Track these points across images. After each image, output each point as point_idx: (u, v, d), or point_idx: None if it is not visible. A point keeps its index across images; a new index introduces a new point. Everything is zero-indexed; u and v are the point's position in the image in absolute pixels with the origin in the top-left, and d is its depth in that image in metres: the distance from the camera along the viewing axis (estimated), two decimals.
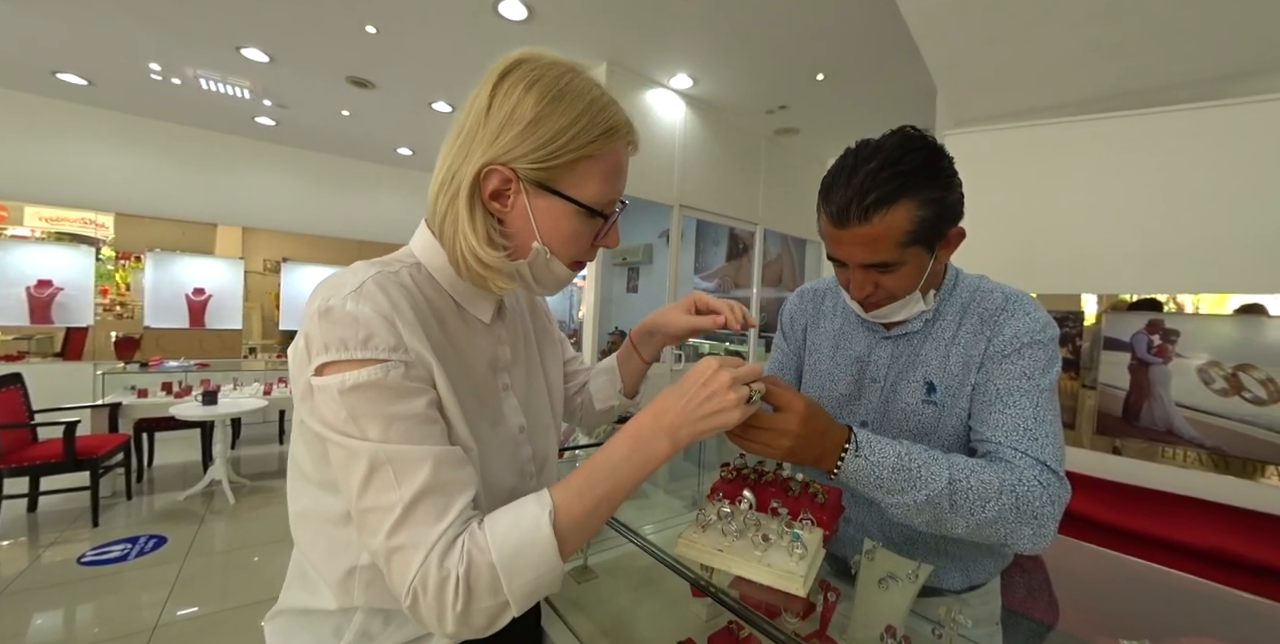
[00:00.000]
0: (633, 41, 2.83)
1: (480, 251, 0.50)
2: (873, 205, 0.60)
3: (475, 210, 0.50)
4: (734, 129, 3.79)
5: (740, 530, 0.53)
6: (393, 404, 0.43)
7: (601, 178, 0.50)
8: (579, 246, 0.53)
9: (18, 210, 4.31)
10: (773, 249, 4.33)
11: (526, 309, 0.72)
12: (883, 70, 2.99)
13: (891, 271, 0.65)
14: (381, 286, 0.46)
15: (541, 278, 0.55)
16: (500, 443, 0.56)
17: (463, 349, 0.54)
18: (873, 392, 0.79)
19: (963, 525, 0.58)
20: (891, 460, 0.58)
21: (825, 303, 0.91)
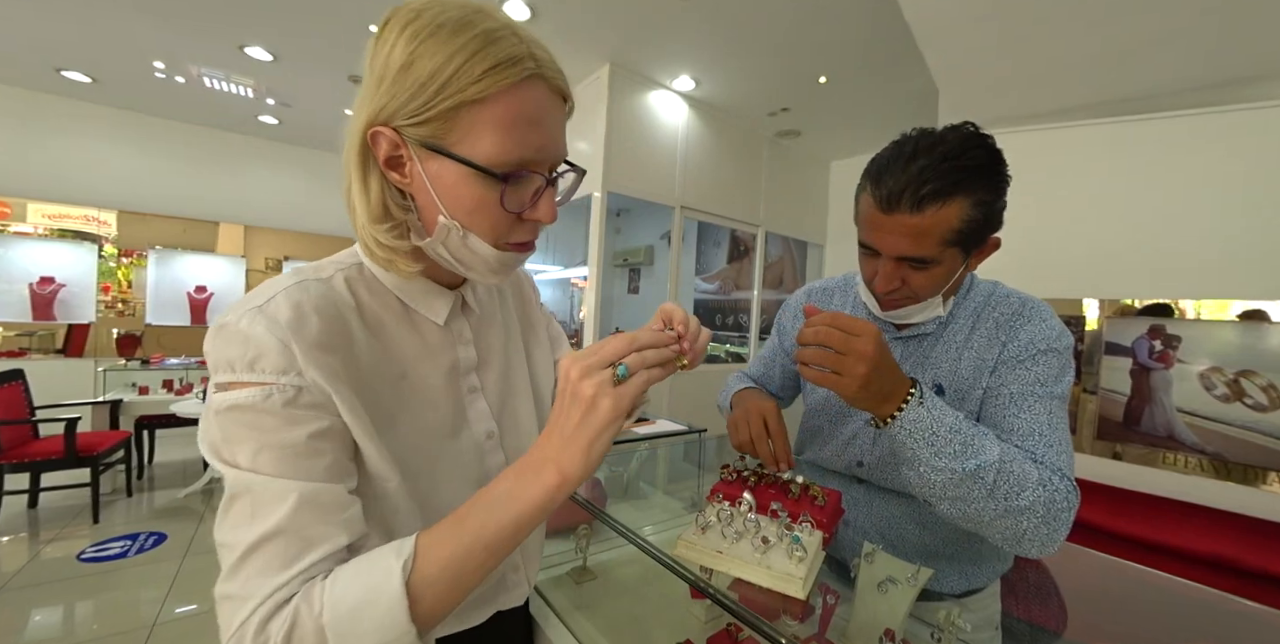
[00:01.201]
0: (636, 43, 2.84)
1: (371, 228, 0.44)
2: (928, 196, 0.58)
3: (369, 181, 0.44)
4: (736, 131, 3.79)
5: (740, 533, 0.53)
6: (267, 431, 0.38)
7: (496, 128, 0.40)
8: (492, 219, 0.44)
9: (21, 207, 4.33)
10: (774, 251, 4.33)
11: (511, 300, 0.67)
12: (885, 73, 3.00)
13: (925, 269, 0.64)
14: (292, 302, 0.42)
15: (466, 260, 0.46)
16: (458, 454, 0.52)
17: (407, 358, 0.50)
18: None
19: (990, 511, 0.56)
20: (950, 420, 0.56)
21: (834, 301, 0.90)
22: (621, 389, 0.38)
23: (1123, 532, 1.69)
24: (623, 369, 0.39)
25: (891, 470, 0.78)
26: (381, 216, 0.44)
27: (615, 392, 0.38)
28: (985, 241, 0.65)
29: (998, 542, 0.60)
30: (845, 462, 0.83)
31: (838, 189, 4.59)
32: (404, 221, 0.45)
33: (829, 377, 0.54)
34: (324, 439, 0.40)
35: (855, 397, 0.55)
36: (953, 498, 0.57)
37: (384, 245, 0.45)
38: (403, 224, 0.46)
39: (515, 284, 0.69)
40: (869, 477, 0.81)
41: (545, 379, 0.66)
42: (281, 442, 0.38)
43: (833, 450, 0.85)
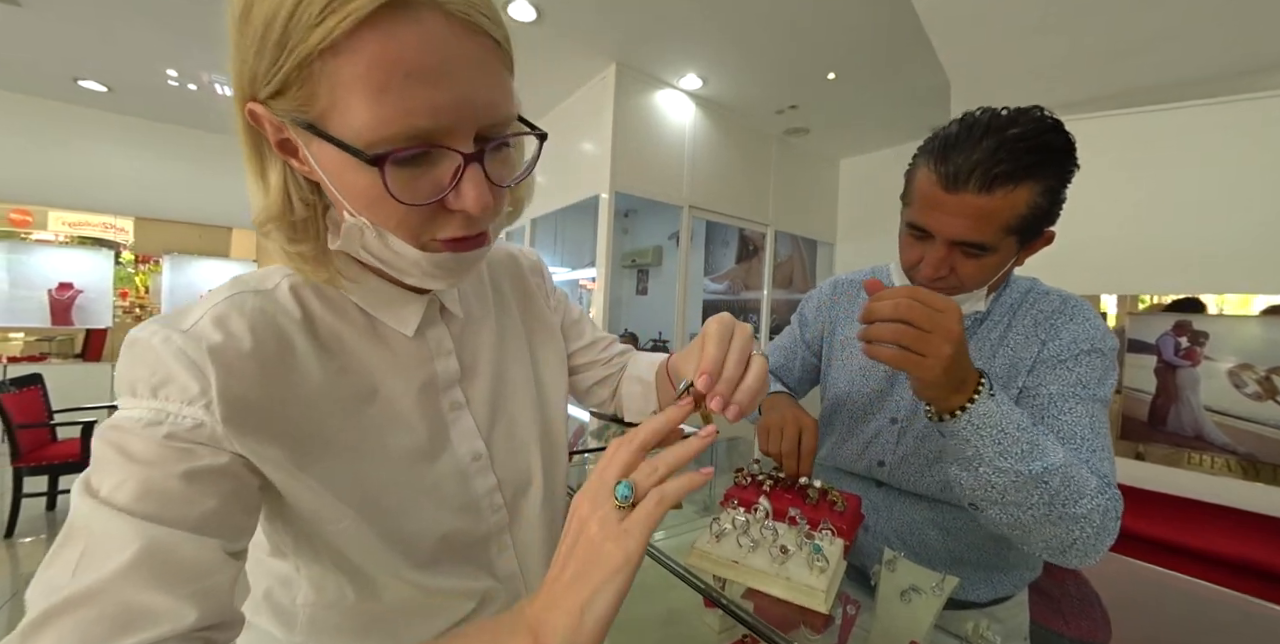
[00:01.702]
0: (642, 42, 2.82)
1: (271, 232, 0.37)
2: (1001, 176, 0.54)
3: (268, 172, 0.36)
4: (744, 129, 3.76)
5: (756, 541, 0.51)
6: (137, 460, 0.32)
7: (364, 88, 0.30)
8: (396, 214, 0.34)
9: (42, 215, 4.40)
10: (783, 250, 4.29)
11: (511, 296, 0.59)
12: (895, 68, 2.95)
13: (978, 257, 0.60)
14: (219, 320, 0.36)
15: (395, 264, 0.38)
16: (437, 480, 0.46)
17: (375, 375, 0.43)
18: (906, 389, 0.76)
19: (1043, 518, 0.52)
20: (1018, 417, 0.52)
21: (862, 294, 0.86)
22: (629, 523, 0.30)
23: (1145, 534, 1.64)
24: (623, 489, 0.31)
25: (915, 472, 0.75)
26: (280, 214, 0.37)
27: (619, 529, 0.30)
28: (1040, 234, 0.62)
29: (1036, 550, 0.56)
30: (865, 462, 0.80)
31: (847, 187, 4.53)
32: (309, 219, 0.38)
33: (909, 357, 0.49)
34: (208, 482, 0.33)
35: (934, 381, 0.51)
36: (1009, 503, 0.53)
37: (286, 253, 0.38)
38: (309, 223, 0.38)
39: (514, 276, 0.61)
40: (889, 478, 0.78)
41: (556, 385, 0.59)
42: (150, 475, 0.31)
43: (852, 450, 0.82)
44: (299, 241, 0.38)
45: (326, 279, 0.40)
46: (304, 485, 0.38)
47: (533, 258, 0.64)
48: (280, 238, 0.38)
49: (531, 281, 0.62)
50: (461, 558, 0.48)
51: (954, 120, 0.60)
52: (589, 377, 0.67)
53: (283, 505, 0.40)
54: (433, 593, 0.45)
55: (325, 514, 0.39)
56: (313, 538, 0.42)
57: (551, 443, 0.57)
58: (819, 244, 4.54)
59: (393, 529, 0.42)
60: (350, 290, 0.43)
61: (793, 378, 0.94)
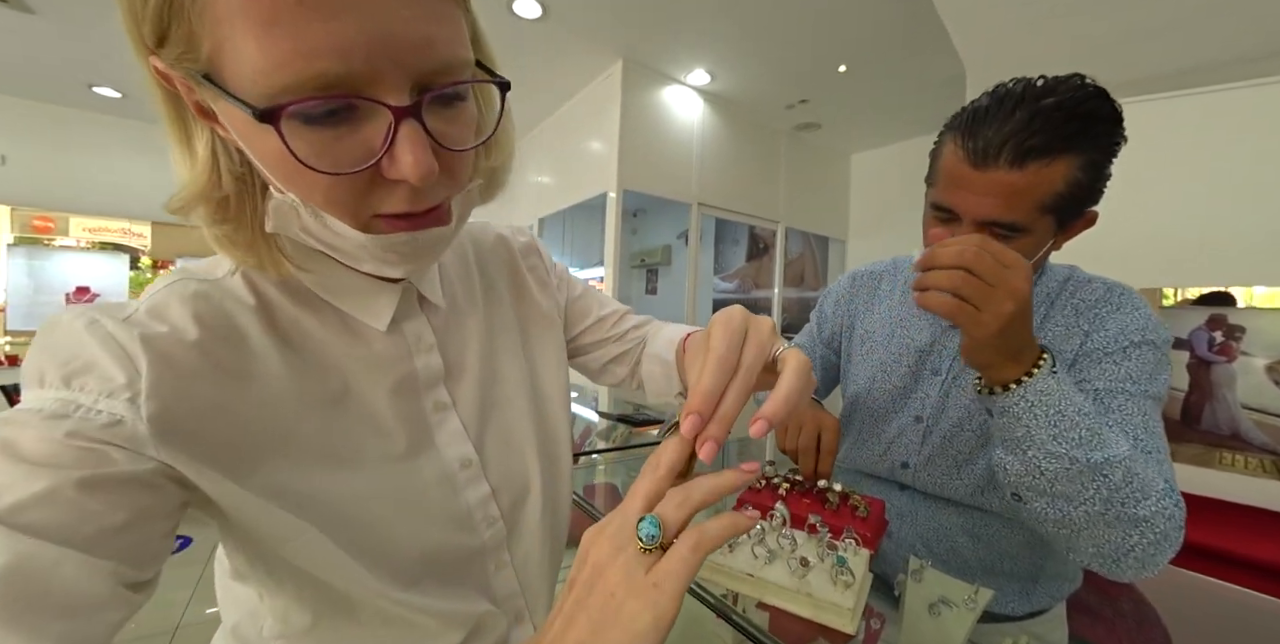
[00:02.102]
0: (649, 37, 2.78)
1: (199, 212, 0.32)
2: (1035, 150, 0.50)
3: (194, 140, 0.31)
4: (753, 125, 3.70)
5: (773, 552, 0.47)
6: (23, 459, 0.26)
7: (250, 23, 0.24)
8: (318, 185, 0.29)
9: (64, 221, 4.48)
10: (794, 248, 4.22)
11: (502, 283, 0.53)
12: (908, 59, 2.88)
13: (1010, 240, 0.55)
14: (158, 310, 0.32)
15: (342, 249, 0.33)
16: (421, 490, 0.41)
17: (347, 372, 0.39)
18: (932, 385, 0.71)
19: (1098, 517, 0.46)
20: (1079, 400, 0.47)
21: (882, 286, 0.82)
22: (659, 574, 0.24)
23: None
24: (649, 526, 0.25)
25: (942, 474, 0.70)
26: (206, 189, 0.31)
27: (647, 582, 0.24)
28: (1082, 215, 0.57)
29: (1084, 556, 0.50)
30: (887, 464, 0.75)
31: (859, 183, 4.45)
32: (238, 196, 0.33)
33: (963, 309, 0.45)
34: (115, 492, 0.27)
35: (987, 342, 0.46)
36: (1059, 495, 0.47)
37: (213, 235, 0.33)
38: (239, 201, 0.33)
39: (505, 260, 0.55)
40: (914, 482, 0.74)
41: (556, 381, 0.54)
42: (38, 478, 0.25)
43: (873, 451, 0.77)
44: (224, 222, 0.32)
45: (256, 264, 0.34)
46: (252, 499, 0.33)
47: (525, 238, 0.58)
48: (203, 217, 0.32)
49: (525, 265, 0.57)
50: (451, 577, 0.43)
51: (985, 93, 0.55)
52: (601, 355, 0.61)
53: (229, 520, 0.35)
54: (417, 612, 0.40)
55: (279, 531, 0.34)
56: (269, 559, 0.37)
57: (552, 446, 0.52)
58: (831, 241, 4.46)
59: (366, 545, 0.38)
60: (309, 280, 0.38)
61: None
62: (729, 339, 0.31)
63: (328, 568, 0.37)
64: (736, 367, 0.30)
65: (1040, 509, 0.50)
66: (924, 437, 0.71)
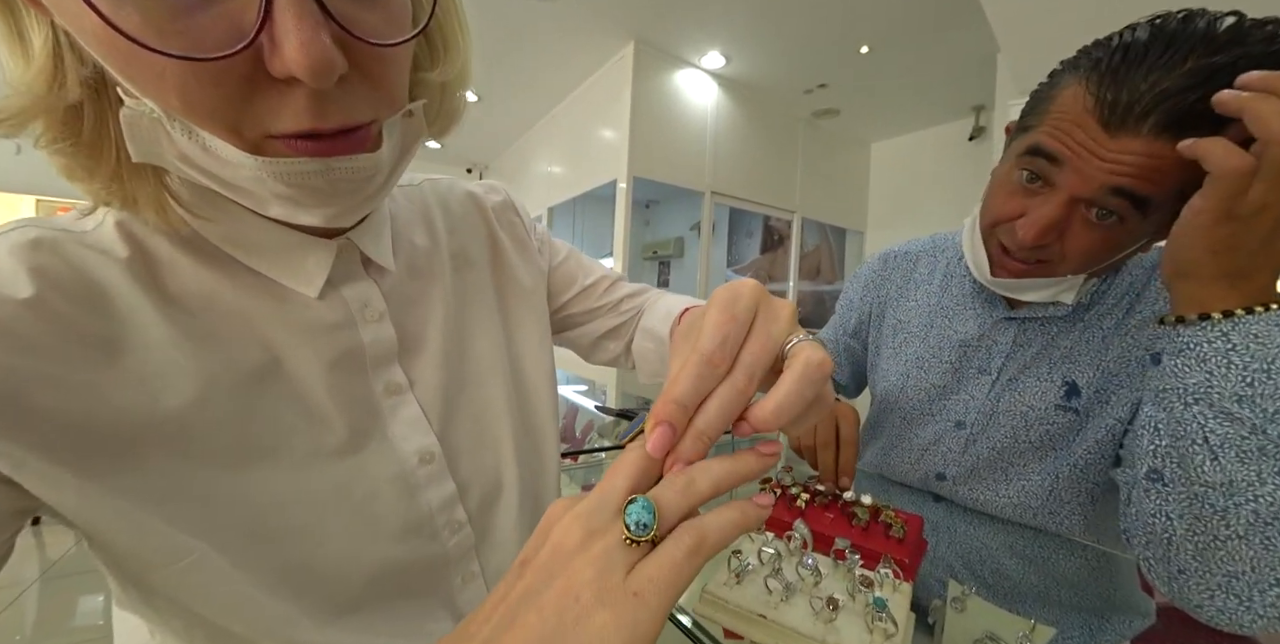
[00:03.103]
0: (662, 18, 2.66)
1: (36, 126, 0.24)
2: (1196, 117, 0.37)
3: (25, 30, 0.23)
4: (769, 111, 3.57)
5: (792, 586, 0.37)
6: None
7: None
8: (162, 75, 0.20)
9: None
10: (810, 240, 4.09)
11: (476, 250, 0.46)
12: (935, 38, 2.72)
13: (1112, 228, 0.44)
14: (16, 253, 0.26)
15: (234, 183, 0.25)
16: (363, 494, 0.33)
17: (270, 345, 0.32)
18: (979, 385, 0.61)
19: (1268, 527, 0.35)
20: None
21: (919, 269, 0.71)
22: (640, 580, 0.19)
23: None
24: (640, 511, 0.19)
25: (986, 488, 0.60)
26: (44, 94, 0.23)
27: (624, 590, 0.18)
28: None
29: (1199, 590, 0.38)
30: (920, 473, 0.66)
31: (879, 172, 4.29)
32: (89, 108, 0.24)
33: (1242, 161, 0.33)
34: None
35: (1229, 225, 0.34)
36: (1216, 482, 0.35)
37: (63, 165, 0.25)
38: (90, 113, 0.24)
39: (477, 220, 0.47)
40: (951, 494, 0.64)
41: (539, 361, 0.47)
42: None
43: (904, 457, 0.68)
44: (70, 142, 0.24)
45: (124, 202, 0.27)
46: (110, 505, 0.25)
47: (500, 195, 0.50)
48: (44, 135, 0.24)
49: (500, 225, 0.48)
50: (406, 592, 0.36)
51: (1133, 26, 0.41)
52: (593, 329, 0.54)
53: (86, 537, 0.27)
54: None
55: (152, 547, 0.26)
56: (145, 589, 0.29)
57: (533, 435, 0.45)
58: (848, 233, 4.32)
59: (287, 565, 0.30)
60: (214, 233, 0.30)
61: (843, 375, 0.80)
62: (725, 329, 0.23)
63: (222, 602, 0.29)
64: (731, 366, 0.22)
65: (1170, 504, 0.38)
66: (966, 445, 0.61)
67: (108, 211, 0.30)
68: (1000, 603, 0.54)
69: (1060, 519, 0.58)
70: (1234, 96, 0.34)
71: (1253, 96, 0.34)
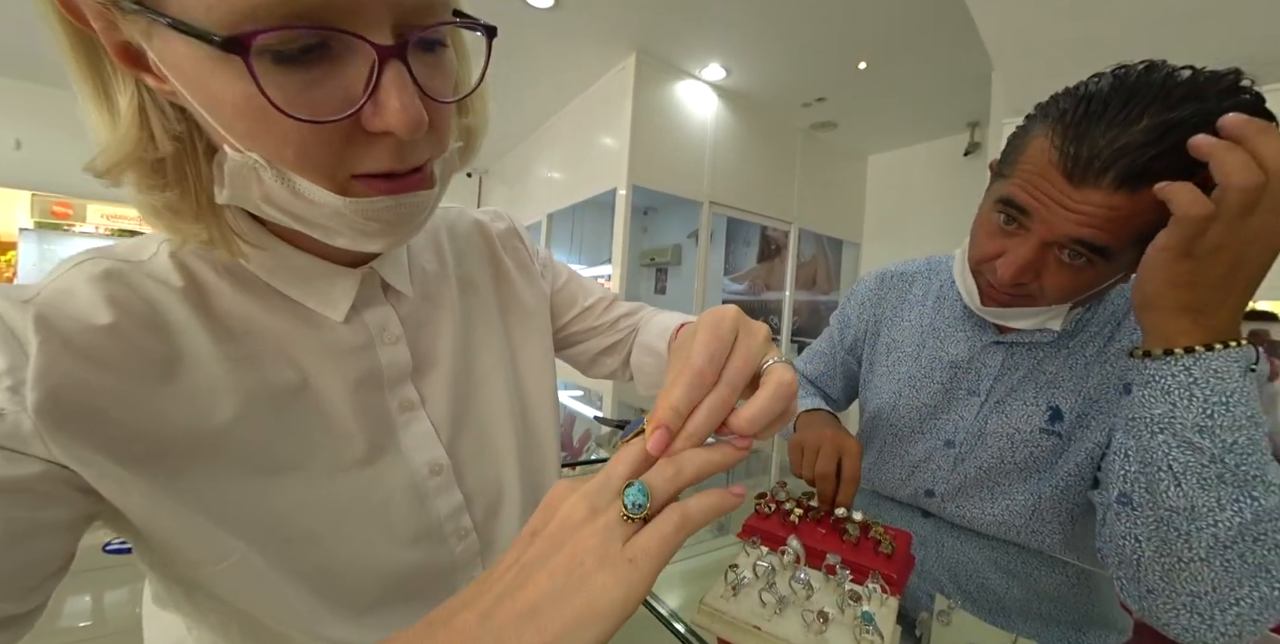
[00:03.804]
0: (664, 29, 2.70)
1: (128, 179, 0.27)
2: (1153, 174, 0.39)
3: (113, 92, 0.26)
4: (768, 123, 3.61)
5: (785, 599, 0.40)
6: None
7: None
8: (290, 138, 0.24)
9: (81, 207, 4.54)
10: (807, 250, 4.13)
11: (480, 274, 0.48)
12: (931, 55, 2.78)
13: (1079, 270, 0.46)
14: (63, 290, 0.28)
15: (313, 219, 0.28)
16: (379, 503, 0.36)
17: (302, 362, 0.34)
18: (968, 406, 0.63)
19: (1220, 552, 0.37)
20: (1257, 411, 0.38)
21: (914, 290, 0.74)
22: (635, 548, 0.21)
23: None
24: (636, 493, 0.22)
25: (973, 506, 0.62)
26: (136, 151, 0.26)
27: (622, 556, 0.21)
28: None
29: (1166, 608, 0.41)
30: (910, 489, 0.68)
31: (875, 184, 4.35)
32: (177, 160, 0.27)
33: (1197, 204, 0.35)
34: (13, 494, 0.24)
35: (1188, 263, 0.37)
36: (1180, 507, 0.38)
37: (148, 205, 0.28)
38: (178, 165, 0.27)
39: (483, 246, 0.50)
40: (939, 510, 0.66)
41: (541, 379, 0.49)
42: None
43: (894, 474, 0.70)
44: (164, 188, 0.28)
45: (209, 240, 0.30)
46: (170, 507, 0.28)
47: (505, 222, 0.53)
48: (136, 184, 0.27)
49: (505, 250, 0.51)
50: (419, 595, 0.38)
51: (1099, 75, 0.43)
52: (591, 346, 0.58)
53: (142, 538, 0.30)
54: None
55: (201, 550, 0.29)
56: (190, 585, 0.32)
57: (535, 450, 0.47)
58: (845, 244, 4.36)
59: (315, 565, 0.33)
60: (253, 261, 0.33)
61: (835, 388, 0.82)
62: (711, 347, 0.27)
63: (258, 598, 0.31)
64: (716, 379, 0.26)
65: (1138, 527, 0.40)
66: (955, 463, 0.64)
67: (161, 243, 0.33)
68: (985, 616, 0.56)
69: (1042, 537, 0.60)
70: (1206, 142, 0.36)
71: (1222, 144, 0.36)
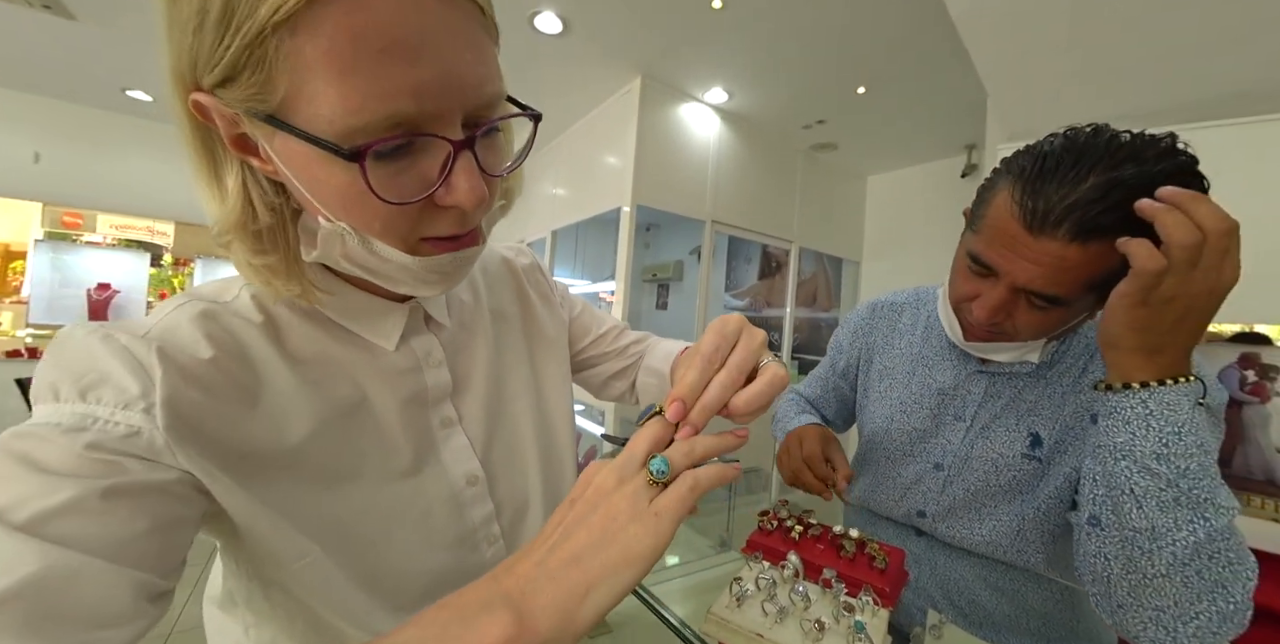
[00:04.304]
0: (668, 55, 2.80)
1: (224, 239, 0.33)
2: (1101, 229, 0.44)
3: (223, 173, 0.32)
4: (769, 144, 3.70)
5: (785, 609, 0.43)
6: (49, 472, 0.26)
7: (330, 69, 0.25)
8: (379, 216, 0.30)
9: (91, 218, 4.63)
10: (807, 268, 4.19)
11: (509, 304, 0.54)
12: (928, 81, 2.87)
13: (1045, 310, 0.51)
14: (172, 328, 0.32)
15: (383, 272, 0.34)
16: (423, 510, 0.40)
17: (362, 383, 0.39)
18: (954, 431, 0.67)
19: (1179, 569, 0.41)
20: (1208, 440, 0.42)
21: (903, 320, 0.78)
22: (659, 505, 0.27)
23: None
24: (659, 463, 0.28)
25: (962, 525, 0.66)
26: (241, 223, 0.32)
27: (650, 511, 0.26)
28: None
29: (1135, 621, 0.44)
30: (904, 509, 0.72)
31: (874, 204, 4.43)
32: (275, 227, 0.34)
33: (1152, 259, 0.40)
34: (138, 500, 0.27)
35: (1144, 310, 0.41)
36: (1142, 528, 0.42)
37: (250, 264, 0.33)
38: (276, 231, 0.34)
39: (509, 280, 0.56)
40: (931, 530, 0.70)
41: (560, 399, 0.54)
42: (62, 489, 0.25)
43: (888, 494, 0.73)
44: (266, 253, 0.34)
45: (300, 293, 0.35)
46: (265, 512, 0.33)
47: (528, 258, 0.59)
48: (243, 250, 0.33)
49: (529, 284, 0.57)
50: None
51: (1054, 135, 0.49)
52: (604, 370, 0.64)
53: (237, 537, 0.34)
54: None
55: (287, 549, 0.34)
56: (268, 583, 0.36)
57: (555, 463, 0.51)
58: (845, 262, 4.42)
59: (368, 566, 0.37)
60: (322, 303, 0.38)
61: (830, 410, 0.86)
62: (718, 341, 0.33)
63: (325, 594, 0.36)
64: (722, 365, 0.32)
65: (1108, 546, 0.44)
66: (944, 486, 0.67)
67: (243, 286, 0.38)
68: (975, 631, 0.59)
69: (1027, 556, 0.64)
70: (1149, 205, 0.42)
71: (1163, 208, 0.41)
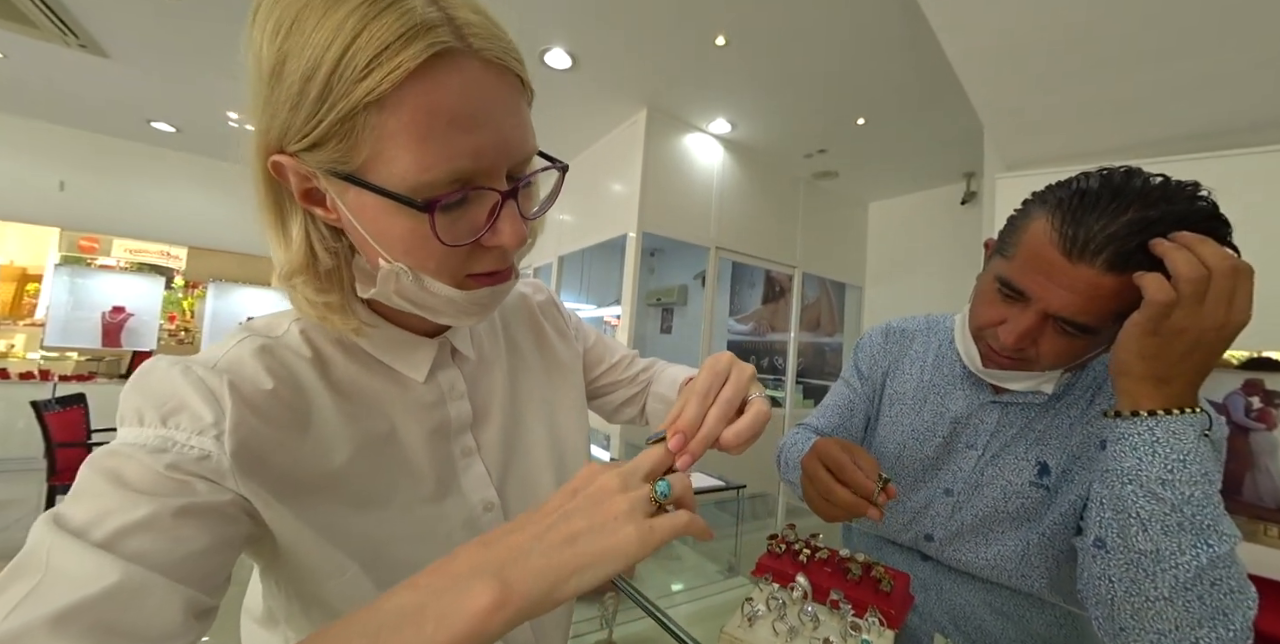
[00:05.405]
0: (673, 88, 2.91)
1: (290, 281, 0.37)
2: (1136, 260, 0.46)
3: (289, 224, 0.36)
4: (772, 172, 3.80)
5: (794, 629, 0.45)
6: (129, 489, 0.29)
7: (409, 137, 0.30)
8: (436, 257, 0.35)
9: (108, 243, 4.76)
10: (810, 293, 4.23)
11: (524, 338, 0.57)
12: (926, 113, 2.97)
13: (1073, 337, 0.52)
14: (237, 362, 0.36)
15: (430, 305, 0.38)
16: (445, 533, 0.43)
17: (392, 415, 0.42)
18: (966, 459, 0.69)
19: (1181, 594, 0.42)
20: (1213, 468, 0.44)
21: (914, 347, 0.79)
22: (657, 522, 0.29)
23: None
24: (665, 487, 0.31)
25: (970, 550, 0.67)
26: (305, 266, 0.37)
27: (646, 522, 0.28)
28: None
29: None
30: (911, 534, 0.73)
31: (876, 230, 4.50)
32: (334, 268, 0.38)
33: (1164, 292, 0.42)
34: (202, 520, 0.30)
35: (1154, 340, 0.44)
36: (1147, 551, 0.43)
37: (316, 303, 0.37)
38: (334, 272, 0.38)
39: (526, 315, 0.59)
40: (938, 554, 0.71)
41: (574, 429, 0.56)
42: (142, 506, 0.28)
43: (897, 518, 0.75)
44: (327, 292, 0.38)
45: (355, 328, 0.39)
46: (309, 532, 0.36)
47: (544, 295, 0.63)
48: (308, 290, 0.37)
49: (545, 317, 0.61)
50: None
51: (1088, 173, 0.52)
52: (617, 397, 0.67)
53: (280, 558, 0.37)
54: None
55: (328, 565, 0.37)
56: (308, 600, 0.39)
57: None
58: (848, 287, 4.47)
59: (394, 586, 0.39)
60: (368, 335, 0.42)
61: (855, 438, 0.85)
62: (711, 378, 0.38)
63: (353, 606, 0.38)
64: (717, 394, 0.37)
65: (1113, 568, 0.45)
66: (953, 511, 0.69)
67: (291, 322, 0.41)
68: None
69: (1030, 581, 0.65)
70: (1161, 244, 0.46)
71: (1173, 246, 0.45)
